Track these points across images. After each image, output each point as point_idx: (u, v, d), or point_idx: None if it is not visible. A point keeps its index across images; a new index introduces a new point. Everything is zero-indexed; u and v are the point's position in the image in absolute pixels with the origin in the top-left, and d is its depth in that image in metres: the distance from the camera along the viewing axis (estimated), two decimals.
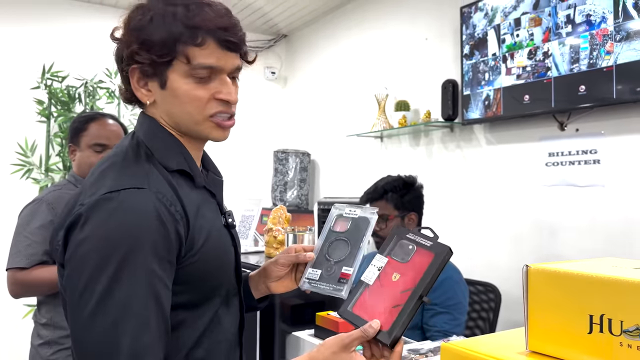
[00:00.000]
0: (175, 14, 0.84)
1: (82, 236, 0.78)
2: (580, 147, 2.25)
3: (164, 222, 0.80)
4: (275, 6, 3.84)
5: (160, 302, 0.79)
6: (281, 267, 1.03)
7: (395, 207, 2.03)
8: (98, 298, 0.75)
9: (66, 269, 0.80)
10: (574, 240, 2.26)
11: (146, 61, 0.85)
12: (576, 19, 2.15)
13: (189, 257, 0.84)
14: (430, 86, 2.94)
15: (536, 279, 0.77)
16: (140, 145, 0.89)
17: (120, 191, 0.79)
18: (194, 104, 0.87)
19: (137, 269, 0.76)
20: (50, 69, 3.44)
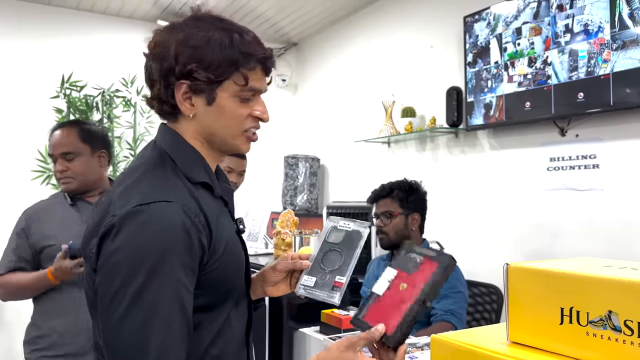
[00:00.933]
0: (232, 40, 0.94)
1: (114, 246, 0.85)
2: (580, 152, 2.31)
3: (189, 233, 0.87)
4: (285, 15, 3.93)
5: (184, 307, 0.86)
6: (278, 273, 1.10)
7: (400, 205, 2.14)
8: (129, 302, 0.82)
9: (98, 276, 0.87)
10: (574, 242, 2.32)
11: (203, 79, 0.92)
12: (574, 29, 2.22)
13: (211, 264, 0.91)
14: (436, 93, 3.02)
15: (515, 275, 0.85)
16: (164, 157, 0.96)
17: (150, 204, 0.86)
18: (236, 120, 0.97)
19: (164, 277, 0.84)
20: (69, 79, 3.56)
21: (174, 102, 0.95)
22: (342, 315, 1.35)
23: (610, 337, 0.70)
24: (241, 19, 3.97)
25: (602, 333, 0.71)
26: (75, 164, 1.75)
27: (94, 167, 1.78)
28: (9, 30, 3.61)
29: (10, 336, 3.48)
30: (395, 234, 2.12)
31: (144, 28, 3.99)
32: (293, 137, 4.53)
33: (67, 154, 1.75)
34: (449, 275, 0.95)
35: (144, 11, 3.84)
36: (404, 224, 2.13)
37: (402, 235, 2.12)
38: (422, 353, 1.11)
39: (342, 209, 3.18)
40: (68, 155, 1.75)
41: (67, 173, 1.75)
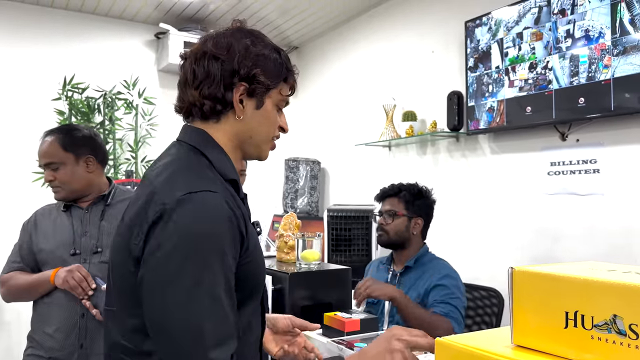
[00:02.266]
0: (280, 56, 1.05)
1: (167, 233, 0.85)
2: (580, 156, 2.32)
3: (233, 223, 0.90)
4: (287, 19, 3.95)
5: (233, 294, 0.89)
6: (289, 325, 1.19)
7: (405, 206, 2.14)
8: (188, 287, 0.83)
9: (147, 263, 0.86)
10: (575, 247, 2.32)
11: (264, 83, 1.01)
12: (575, 34, 2.23)
13: (246, 257, 0.93)
14: (437, 97, 3.03)
15: (520, 279, 0.85)
16: (196, 153, 0.99)
17: (198, 192, 0.88)
18: (273, 126, 1.06)
19: (219, 264, 0.86)
20: (70, 81, 3.57)
21: (229, 100, 1.00)
22: (344, 318, 1.35)
23: (615, 341, 0.70)
24: None
25: (607, 337, 0.71)
26: (61, 174, 1.74)
27: (80, 174, 1.76)
28: (11, 33, 3.61)
29: (9, 337, 3.48)
30: (395, 234, 2.12)
31: (146, 31, 4.01)
32: (294, 140, 4.53)
33: (50, 164, 1.75)
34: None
35: (146, 14, 3.85)
36: (406, 226, 2.12)
37: (402, 237, 2.12)
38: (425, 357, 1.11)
39: (343, 212, 3.19)
40: (52, 165, 1.74)
41: (55, 182, 1.75)
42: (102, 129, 3.65)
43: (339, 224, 3.17)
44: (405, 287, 2.05)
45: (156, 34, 3.99)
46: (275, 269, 1.53)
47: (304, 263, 1.53)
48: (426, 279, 2.02)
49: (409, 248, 2.14)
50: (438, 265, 2.10)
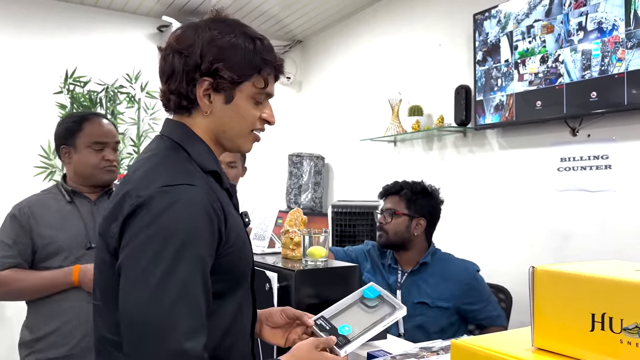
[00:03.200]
0: (255, 46, 0.99)
1: (143, 223, 0.85)
2: (591, 152, 2.27)
3: (211, 216, 0.89)
4: (290, 13, 3.90)
5: (208, 288, 0.88)
6: (284, 317, 1.18)
7: (406, 205, 2.06)
8: (160, 278, 0.82)
9: (124, 253, 0.87)
10: (586, 244, 2.28)
11: (227, 78, 0.96)
12: (588, 27, 2.18)
13: (226, 250, 0.93)
14: (444, 91, 2.98)
15: (542, 279, 0.81)
16: (177, 148, 0.98)
17: (176, 186, 0.88)
18: (249, 120, 1.02)
19: (194, 258, 0.85)
20: (72, 74, 3.53)
21: (193, 97, 0.98)
22: None
23: None
24: (246, 16, 3.93)
25: (637, 341, 0.67)
26: (115, 155, 1.81)
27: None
28: (12, 25, 3.58)
29: (11, 332, 3.46)
30: (394, 234, 2.04)
31: (148, 24, 3.96)
32: (297, 135, 4.50)
33: (116, 145, 1.81)
34: None
35: (149, 7, 3.80)
36: (406, 227, 2.03)
37: (402, 238, 2.04)
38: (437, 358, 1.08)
39: (347, 208, 3.15)
40: (117, 145, 1.82)
41: (114, 163, 1.78)
42: None
43: (344, 220, 3.13)
44: (426, 287, 2.00)
45: (159, 27, 3.94)
46: (280, 266, 1.49)
47: (311, 260, 1.48)
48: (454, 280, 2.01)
49: (411, 250, 2.06)
50: (455, 262, 2.08)
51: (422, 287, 2.00)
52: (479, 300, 2.00)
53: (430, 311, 1.96)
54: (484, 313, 2.01)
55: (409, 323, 1.96)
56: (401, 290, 2.03)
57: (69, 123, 1.79)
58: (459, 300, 1.97)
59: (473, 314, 2.01)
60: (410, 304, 1.98)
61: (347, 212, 3.14)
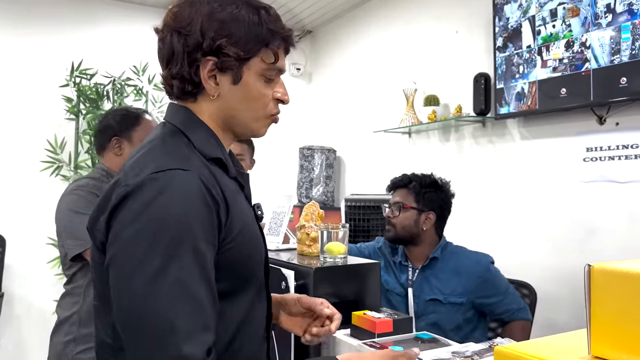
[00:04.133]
0: (260, 16, 0.89)
1: (130, 215, 0.77)
2: (620, 141, 2.16)
3: (208, 204, 0.80)
4: (299, 2, 3.81)
5: (211, 282, 0.78)
6: (299, 307, 1.09)
7: (415, 199, 1.99)
8: (152, 276, 0.73)
9: (112, 249, 0.78)
10: (614, 238, 2.17)
11: (233, 55, 0.86)
12: (617, 8, 2.06)
13: (228, 243, 0.83)
14: (461, 80, 2.87)
15: (600, 279, 0.72)
16: (177, 133, 0.89)
17: (166, 171, 0.79)
18: (262, 101, 0.92)
19: (188, 249, 0.76)
20: (78, 67, 3.47)
21: (198, 80, 0.88)
22: (375, 318, 1.23)
23: None
24: None
25: None
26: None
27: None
28: (18, 17, 3.52)
29: (19, 330, 3.43)
30: (402, 229, 1.97)
31: (156, 15, 3.86)
32: (308, 127, 4.41)
33: None
34: None
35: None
36: (414, 221, 1.97)
37: (410, 232, 1.97)
38: None
39: (361, 202, 3.06)
40: None
41: None
42: None
43: (357, 214, 3.05)
44: (437, 282, 1.92)
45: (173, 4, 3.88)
46: (297, 263, 1.40)
47: (329, 257, 1.40)
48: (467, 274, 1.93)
49: (421, 245, 1.99)
50: (467, 255, 2.00)
51: (433, 283, 1.93)
52: (494, 293, 1.92)
53: (444, 308, 1.89)
54: (502, 306, 1.93)
55: (423, 321, 1.89)
56: (412, 288, 1.95)
57: (127, 116, 1.80)
58: (473, 295, 1.90)
59: (490, 308, 1.94)
60: (423, 302, 1.91)
61: (361, 206, 3.05)
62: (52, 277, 3.46)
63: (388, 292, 2.01)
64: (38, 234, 3.44)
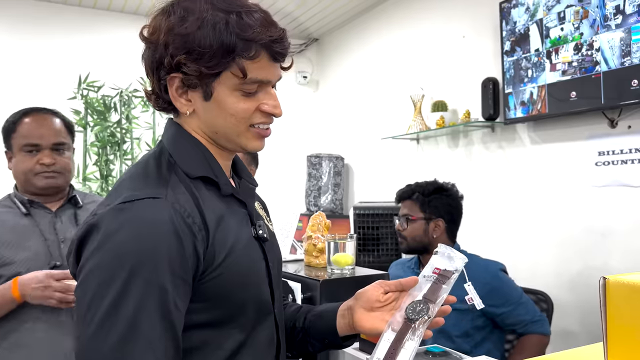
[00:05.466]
0: (227, 23, 0.78)
1: (92, 247, 0.73)
2: (632, 144, 2.12)
3: (179, 235, 0.74)
4: (305, 10, 3.80)
5: (170, 320, 0.73)
6: (382, 294, 0.92)
7: (420, 209, 1.98)
8: (103, 314, 0.69)
9: (77, 280, 0.75)
10: (627, 244, 2.12)
11: (194, 73, 0.78)
12: (627, 9, 2.03)
13: (209, 273, 0.78)
14: (469, 85, 2.84)
15: (616, 293, 0.68)
16: (162, 153, 0.85)
17: (135, 201, 0.74)
18: (240, 116, 0.82)
19: (146, 284, 0.71)
20: (86, 79, 3.48)
21: (169, 97, 0.83)
22: None
23: None
24: None
25: None
26: (65, 158, 1.54)
27: (73, 165, 1.59)
28: (25, 30, 3.56)
29: None
30: (413, 240, 1.97)
31: None
32: (316, 135, 4.39)
33: (58, 145, 1.52)
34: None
35: None
36: (424, 230, 1.96)
37: (421, 242, 1.96)
38: None
39: (370, 210, 3.03)
40: (59, 146, 1.52)
41: (55, 167, 1.50)
42: (119, 127, 3.55)
43: (366, 222, 3.02)
44: None
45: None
46: (304, 275, 1.38)
47: (336, 268, 1.37)
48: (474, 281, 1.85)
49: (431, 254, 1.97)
50: (477, 262, 1.95)
51: None
52: (504, 302, 1.86)
53: (450, 313, 1.85)
54: (513, 317, 1.87)
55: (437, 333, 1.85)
56: None
57: (8, 121, 1.55)
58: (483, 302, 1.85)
59: (500, 319, 1.88)
60: None
61: (370, 213, 3.02)
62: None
63: None
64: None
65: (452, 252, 0.92)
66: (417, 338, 0.87)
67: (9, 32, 3.50)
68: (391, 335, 0.88)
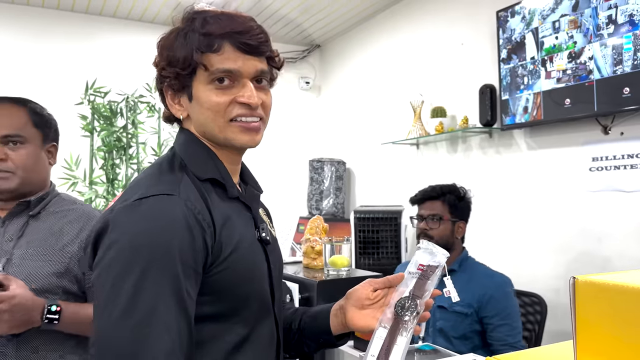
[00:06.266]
0: (193, 28, 0.87)
1: (109, 241, 0.78)
2: (625, 151, 2.17)
3: (190, 229, 0.80)
4: (308, 17, 3.87)
5: (185, 308, 0.78)
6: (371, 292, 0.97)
7: (450, 210, 2.03)
8: (124, 302, 0.75)
9: (93, 275, 0.80)
10: (621, 247, 2.17)
11: (171, 74, 0.88)
12: (618, 19, 2.08)
13: (216, 266, 0.83)
14: (467, 91, 2.90)
15: (584, 292, 0.73)
16: (175, 157, 0.91)
17: (149, 197, 0.80)
18: (215, 108, 0.88)
19: (162, 274, 0.76)
20: (92, 85, 3.55)
21: (167, 105, 0.94)
22: None
23: None
24: (264, 21, 3.92)
25: None
26: (21, 154, 1.29)
27: (43, 164, 1.35)
28: (32, 37, 3.63)
29: None
30: (440, 239, 2.00)
31: None
32: (318, 140, 4.45)
33: (10, 137, 1.28)
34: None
35: (166, 15, 3.82)
36: (451, 231, 2.02)
37: (448, 242, 2.00)
38: None
39: (370, 214, 3.08)
40: (12, 139, 1.28)
41: (6, 165, 1.27)
42: (125, 132, 3.62)
43: (367, 225, 3.07)
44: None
45: None
46: (302, 276, 1.44)
47: (333, 269, 1.43)
48: (477, 286, 1.92)
49: (452, 253, 2.02)
50: (484, 270, 2.00)
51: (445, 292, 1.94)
52: (496, 314, 1.87)
53: (449, 315, 1.91)
54: (497, 332, 1.86)
55: (430, 327, 1.93)
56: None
57: None
58: (479, 309, 1.90)
59: (488, 328, 1.89)
60: (433, 308, 1.93)
61: (370, 217, 3.08)
62: None
63: None
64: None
65: (434, 247, 0.97)
66: (407, 333, 0.92)
67: (18, 39, 3.58)
68: (383, 332, 0.93)
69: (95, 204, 3.57)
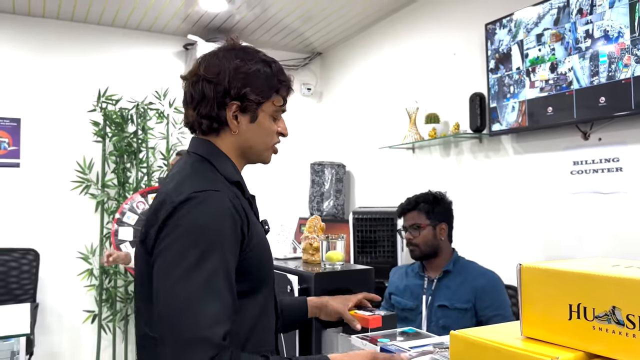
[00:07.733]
0: (272, 69, 1.14)
1: (175, 223, 0.96)
2: (603, 155, 2.33)
3: (235, 220, 1.00)
4: (311, 26, 4.03)
5: (231, 282, 0.97)
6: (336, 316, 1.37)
7: (427, 216, 2.17)
8: (188, 268, 0.93)
9: (157, 249, 0.98)
10: (599, 245, 2.33)
11: (254, 100, 1.10)
12: (595, 34, 2.25)
13: (248, 252, 1.03)
14: (459, 99, 3.06)
15: (528, 275, 0.90)
16: (203, 161, 1.10)
17: (204, 191, 0.99)
18: (270, 135, 1.17)
19: (218, 255, 0.95)
20: (105, 93, 3.73)
21: (224, 119, 1.11)
22: (367, 315, 1.41)
23: (614, 331, 0.75)
24: (268, 30, 4.08)
25: (607, 327, 0.76)
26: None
27: None
28: (49, 48, 3.80)
29: (51, 338, 3.65)
30: (425, 245, 2.16)
31: (174, 42, 4.15)
32: (319, 144, 4.61)
33: None
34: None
35: (175, 26, 3.98)
36: (433, 235, 2.16)
37: (433, 246, 2.15)
38: None
39: (368, 215, 3.24)
40: None
41: None
42: (136, 138, 3.79)
43: (365, 226, 3.23)
44: (447, 291, 2.08)
45: (185, 45, 4.12)
46: (301, 270, 1.60)
47: (329, 263, 1.60)
48: (471, 283, 2.06)
49: (441, 255, 2.17)
50: (477, 268, 2.14)
51: (444, 292, 2.09)
52: (490, 305, 2.02)
53: (450, 312, 2.05)
54: (492, 323, 1.96)
55: (433, 325, 2.06)
56: (426, 296, 2.13)
57: None
58: (475, 302, 2.05)
59: (482, 320, 2.03)
60: (435, 308, 2.08)
61: (368, 218, 3.23)
62: (81, 288, 3.70)
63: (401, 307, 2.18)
64: (69, 249, 3.69)
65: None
66: None
67: (33, 50, 3.75)
68: None
69: (107, 205, 3.74)
